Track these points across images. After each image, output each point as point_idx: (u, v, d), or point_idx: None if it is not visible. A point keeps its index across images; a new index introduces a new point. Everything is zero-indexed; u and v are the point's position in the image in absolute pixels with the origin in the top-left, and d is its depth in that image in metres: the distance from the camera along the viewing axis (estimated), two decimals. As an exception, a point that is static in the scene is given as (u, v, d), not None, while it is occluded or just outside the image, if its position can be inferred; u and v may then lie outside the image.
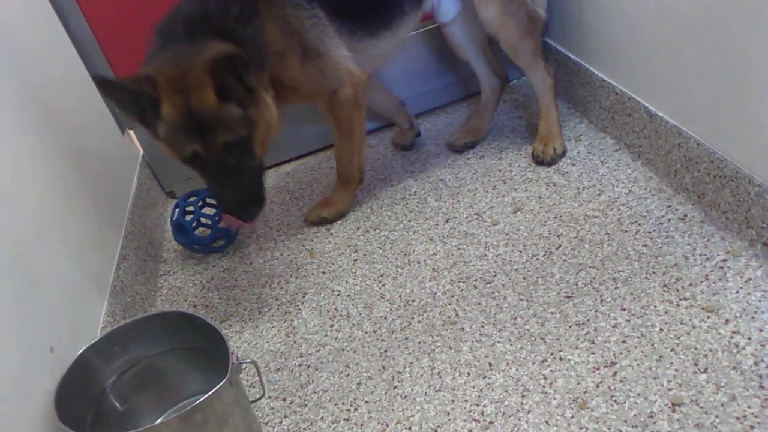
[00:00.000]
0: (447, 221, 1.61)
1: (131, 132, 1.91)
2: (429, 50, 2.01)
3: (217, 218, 1.68)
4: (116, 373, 1.16)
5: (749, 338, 1.13)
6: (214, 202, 1.71)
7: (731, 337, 1.14)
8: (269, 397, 1.27)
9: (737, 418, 1.02)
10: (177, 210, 1.69)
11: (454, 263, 1.47)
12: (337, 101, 1.56)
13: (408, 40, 1.74)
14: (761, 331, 1.13)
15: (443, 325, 1.33)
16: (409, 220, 1.66)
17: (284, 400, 1.26)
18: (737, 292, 1.21)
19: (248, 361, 1.10)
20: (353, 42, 1.55)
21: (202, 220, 1.69)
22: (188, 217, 1.68)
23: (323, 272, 1.57)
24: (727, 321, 1.17)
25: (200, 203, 1.70)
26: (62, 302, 1.18)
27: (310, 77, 1.52)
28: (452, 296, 1.39)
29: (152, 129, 1.32)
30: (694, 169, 1.40)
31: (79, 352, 1.10)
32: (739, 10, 1.16)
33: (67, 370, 1.07)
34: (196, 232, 1.68)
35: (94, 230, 1.44)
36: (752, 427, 1.00)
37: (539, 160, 1.71)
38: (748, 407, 1.03)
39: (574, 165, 1.67)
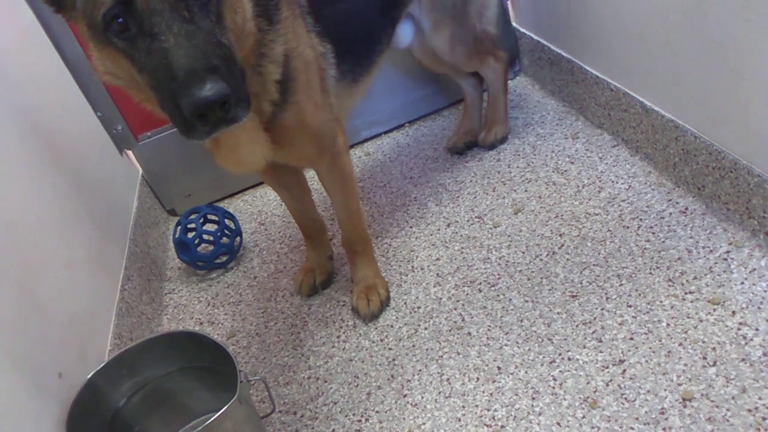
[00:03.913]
0: (449, 225, 1.61)
1: (129, 152, 1.92)
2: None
3: (219, 234, 1.68)
4: (125, 395, 1.16)
5: (757, 329, 1.12)
6: (216, 218, 1.71)
7: (738, 329, 1.13)
8: (280, 412, 1.27)
9: (749, 410, 1.01)
10: (179, 228, 1.70)
11: (458, 267, 1.47)
12: (339, 152, 1.32)
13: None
14: (768, 321, 1.13)
15: (450, 330, 1.33)
16: (411, 227, 1.66)
17: (295, 413, 1.26)
18: (742, 283, 1.21)
19: (256, 378, 1.10)
20: (338, 87, 1.32)
21: (204, 236, 1.69)
22: (190, 235, 1.69)
23: (327, 283, 1.57)
24: (734, 313, 1.16)
25: (201, 220, 1.71)
26: (68, 327, 1.18)
27: (319, 120, 1.23)
28: (457, 301, 1.39)
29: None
30: (692, 161, 1.40)
31: (88, 377, 1.10)
32: (728, 3, 1.16)
33: (76, 396, 1.07)
34: (198, 249, 1.69)
35: (97, 252, 1.44)
36: (764, 419, 1.00)
37: (482, 145, 1.85)
38: (759, 398, 1.02)
39: (572, 163, 1.67)
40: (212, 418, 0.95)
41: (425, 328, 1.35)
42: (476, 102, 1.91)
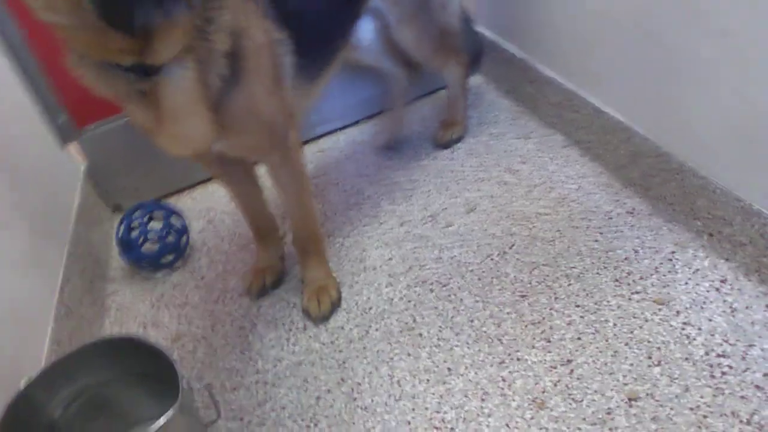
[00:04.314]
0: (401, 224, 1.60)
1: (72, 145, 1.83)
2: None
3: (164, 233, 1.62)
4: (62, 404, 1.10)
5: (699, 329, 1.15)
6: (161, 215, 1.66)
7: (682, 329, 1.16)
8: (225, 418, 1.23)
9: (691, 409, 1.04)
10: (122, 226, 1.63)
11: (410, 267, 1.46)
12: (292, 147, 1.27)
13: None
14: (710, 321, 1.16)
15: (401, 331, 1.31)
16: (364, 225, 1.64)
17: (242, 419, 1.23)
18: (686, 283, 1.24)
19: (200, 386, 1.06)
20: (294, 82, 1.26)
21: (149, 235, 1.63)
22: (134, 233, 1.62)
23: (278, 283, 1.54)
24: (678, 312, 1.19)
25: (147, 218, 1.65)
26: (1, 331, 1.12)
27: (272, 109, 1.19)
28: (409, 301, 1.38)
29: None
30: (641, 163, 1.43)
31: (22, 387, 1.05)
32: (677, 10, 1.18)
33: (8, 406, 1.01)
34: (142, 248, 1.63)
35: (34, 252, 1.37)
36: (705, 417, 1.02)
37: (438, 144, 1.86)
38: (701, 397, 1.05)
39: (524, 163, 1.68)
40: (152, 428, 0.91)
41: (376, 330, 1.34)
42: (400, 100, 1.92)
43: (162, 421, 0.92)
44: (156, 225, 1.64)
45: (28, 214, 1.41)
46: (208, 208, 1.86)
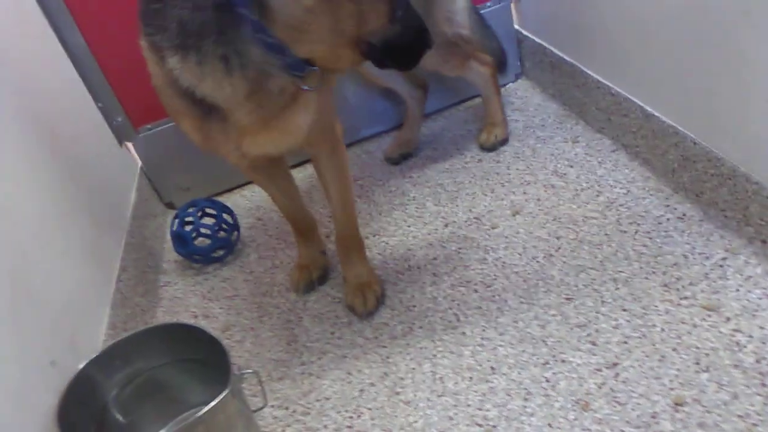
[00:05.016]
0: (446, 226, 1.61)
1: (129, 144, 1.91)
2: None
3: (216, 228, 1.68)
4: (118, 386, 1.15)
5: (750, 336, 1.13)
6: (214, 212, 1.71)
7: (732, 336, 1.14)
8: (272, 407, 1.27)
9: (740, 416, 1.02)
10: (176, 221, 1.69)
11: (454, 267, 1.47)
12: (338, 138, 1.35)
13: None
14: (762, 328, 1.13)
15: (444, 330, 1.33)
16: (408, 226, 1.66)
17: (287, 408, 1.26)
18: (737, 290, 1.21)
19: (250, 371, 1.09)
20: None
21: (202, 230, 1.68)
22: (187, 228, 1.68)
23: (323, 279, 1.57)
24: (728, 319, 1.17)
25: (199, 213, 1.70)
26: (62, 316, 1.18)
27: (329, 103, 1.27)
28: (453, 301, 1.39)
29: None
30: (691, 168, 1.41)
31: (81, 366, 1.10)
32: (730, 8, 1.16)
33: (68, 385, 1.06)
34: (195, 242, 1.68)
35: (94, 243, 1.44)
36: (755, 425, 1.00)
37: (483, 147, 1.86)
38: (751, 405, 1.03)
39: (572, 167, 1.67)
40: (204, 410, 0.95)
41: (420, 327, 1.35)
42: (416, 114, 1.95)
43: (214, 403, 0.95)
44: (208, 221, 1.70)
45: (88, 207, 1.48)
46: (258, 206, 1.92)
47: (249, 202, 1.96)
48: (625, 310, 1.25)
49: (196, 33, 1.00)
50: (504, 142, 1.85)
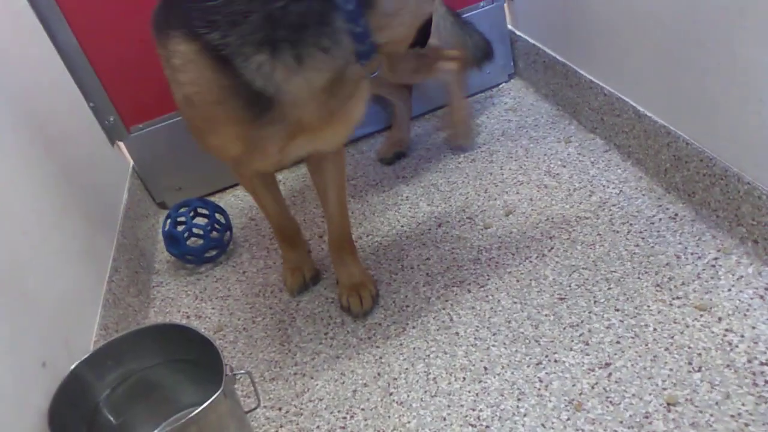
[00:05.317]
0: (439, 225, 1.61)
1: (121, 144, 1.90)
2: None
3: (209, 228, 1.67)
4: (110, 386, 1.15)
5: (742, 336, 1.13)
6: (206, 212, 1.71)
7: (724, 335, 1.14)
8: (265, 407, 1.26)
9: (732, 416, 1.02)
10: (168, 221, 1.69)
11: (448, 268, 1.47)
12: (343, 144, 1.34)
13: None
14: (754, 328, 1.14)
15: (438, 330, 1.33)
16: (402, 226, 1.66)
17: (280, 409, 1.26)
18: (729, 290, 1.22)
19: (242, 372, 1.09)
20: None
21: (194, 230, 1.68)
22: (180, 228, 1.68)
23: (317, 280, 1.57)
24: (720, 319, 1.17)
25: (191, 213, 1.70)
26: (54, 316, 1.17)
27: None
28: (446, 301, 1.39)
29: None
30: (683, 168, 1.41)
31: (72, 367, 1.09)
32: (723, 9, 1.16)
33: (59, 386, 1.06)
34: (188, 242, 1.68)
35: (86, 243, 1.43)
36: (747, 425, 1.00)
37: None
38: (743, 405, 1.03)
39: (564, 167, 1.68)
40: (196, 411, 0.95)
41: (413, 327, 1.35)
42: (404, 113, 1.95)
43: (207, 403, 0.95)
44: (201, 221, 1.70)
45: (80, 207, 1.47)
46: (250, 206, 1.91)
47: (241, 202, 1.95)
48: (617, 310, 1.25)
49: (294, 25, 0.93)
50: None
